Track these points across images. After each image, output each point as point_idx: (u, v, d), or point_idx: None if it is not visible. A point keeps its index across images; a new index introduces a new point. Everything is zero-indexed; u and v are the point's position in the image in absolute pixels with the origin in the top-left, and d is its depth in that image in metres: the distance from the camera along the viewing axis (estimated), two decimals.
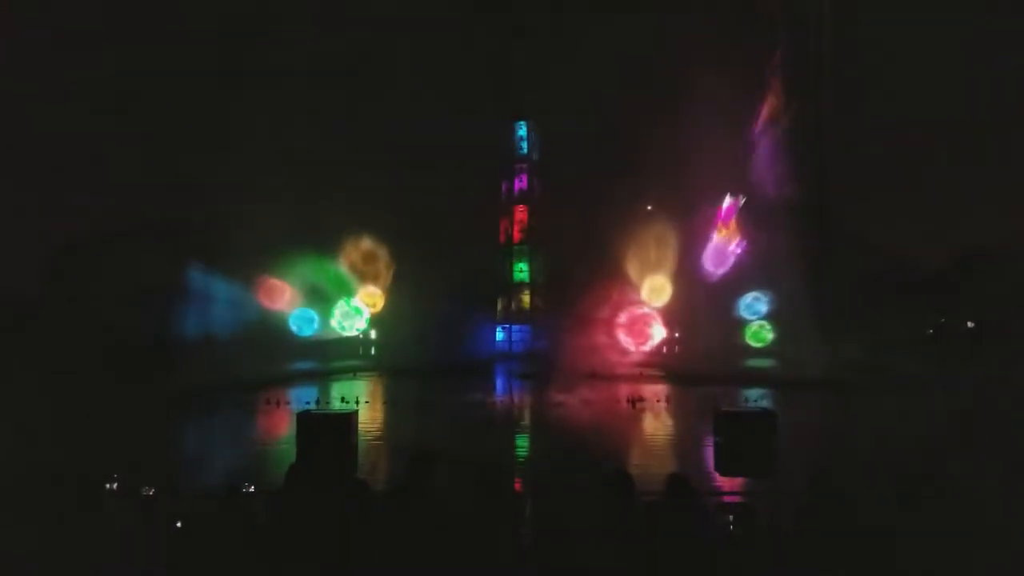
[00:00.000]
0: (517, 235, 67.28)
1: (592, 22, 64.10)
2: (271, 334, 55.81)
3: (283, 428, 27.32)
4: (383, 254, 61.25)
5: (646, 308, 59.92)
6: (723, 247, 59.68)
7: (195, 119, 56.50)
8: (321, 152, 56.00)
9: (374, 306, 62.15)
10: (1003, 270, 76.30)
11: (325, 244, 59.91)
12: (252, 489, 10.12)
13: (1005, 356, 59.31)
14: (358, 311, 61.37)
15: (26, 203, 59.50)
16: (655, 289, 60.99)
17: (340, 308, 61.05)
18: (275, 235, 54.38)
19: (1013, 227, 76.93)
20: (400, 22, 59.31)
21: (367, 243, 61.01)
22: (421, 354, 55.51)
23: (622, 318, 59.71)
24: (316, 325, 59.79)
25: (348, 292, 61.38)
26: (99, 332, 48.18)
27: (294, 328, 59.05)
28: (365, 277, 61.83)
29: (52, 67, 62.11)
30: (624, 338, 59.52)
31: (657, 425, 30.64)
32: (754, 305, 60.27)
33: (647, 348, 59.20)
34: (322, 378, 48.30)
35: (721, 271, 59.82)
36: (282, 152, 54.21)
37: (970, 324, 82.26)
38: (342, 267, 61.12)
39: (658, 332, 59.73)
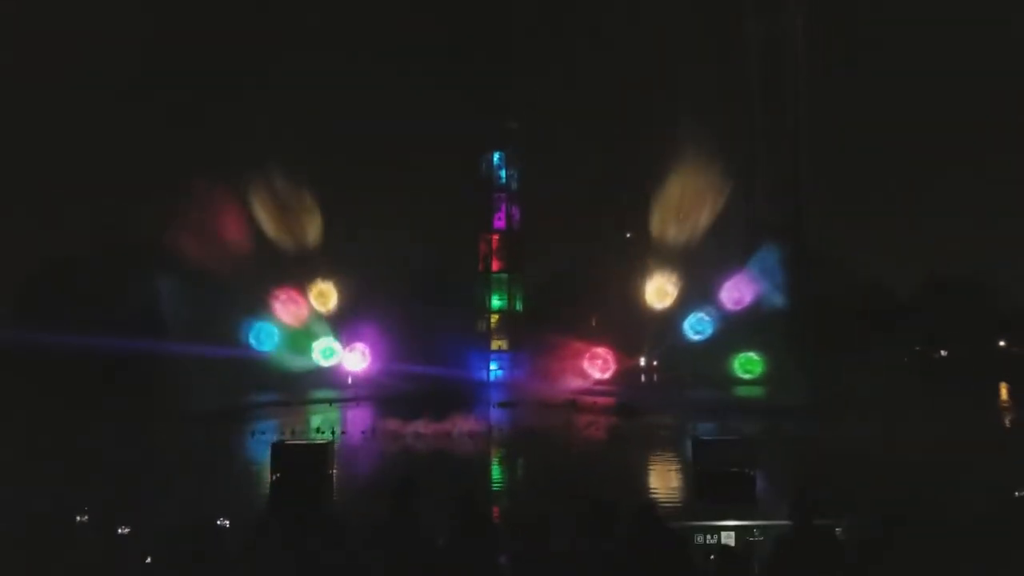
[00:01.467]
0: (496, 264, 67.35)
1: (574, 48, 64.86)
2: (249, 362, 55.15)
3: (260, 458, 26.93)
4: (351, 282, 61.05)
5: (602, 347, 61.10)
6: (740, 284, 60.11)
7: (174, 128, 56.52)
8: (297, 170, 56.46)
9: (325, 305, 61.77)
10: (971, 299, 77.77)
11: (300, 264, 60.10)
12: (227, 523, 9.95)
13: (977, 383, 60.29)
14: (332, 352, 60.68)
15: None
16: (658, 291, 61.43)
17: (318, 346, 60.49)
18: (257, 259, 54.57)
19: (980, 258, 78.50)
20: (378, 43, 59.77)
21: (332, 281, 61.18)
22: (399, 382, 55.32)
23: (591, 352, 60.73)
24: (276, 340, 58.89)
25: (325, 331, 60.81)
26: (77, 355, 47.72)
27: (252, 342, 58.07)
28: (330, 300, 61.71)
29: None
30: (589, 367, 60.35)
31: (636, 455, 30.58)
32: (699, 324, 60.90)
33: (607, 376, 60.24)
34: (299, 407, 47.74)
35: (738, 307, 60.27)
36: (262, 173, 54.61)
37: (943, 352, 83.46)
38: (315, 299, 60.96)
39: (613, 364, 61.09)
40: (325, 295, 61.50)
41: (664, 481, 25.24)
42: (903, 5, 73.90)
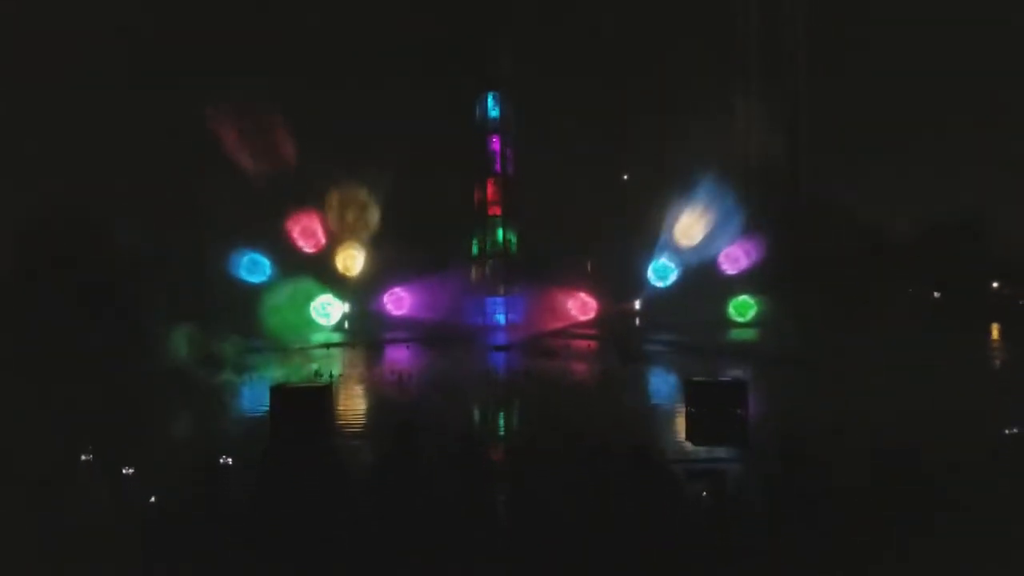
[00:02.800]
0: (491, 208, 67.03)
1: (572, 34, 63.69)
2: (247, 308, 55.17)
3: (259, 402, 27.27)
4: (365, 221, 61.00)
5: (591, 292, 62.48)
6: (738, 251, 60.47)
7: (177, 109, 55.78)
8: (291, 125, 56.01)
9: (349, 270, 61.89)
10: (965, 242, 78.03)
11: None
12: (230, 462, 10.17)
13: (970, 325, 60.97)
14: (327, 311, 60.78)
15: None
16: (686, 228, 61.56)
17: (316, 305, 60.41)
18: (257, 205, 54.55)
19: (975, 200, 78.48)
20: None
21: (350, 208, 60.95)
22: (395, 326, 55.70)
23: (581, 297, 61.68)
24: (268, 272, 58.74)
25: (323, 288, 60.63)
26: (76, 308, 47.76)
27: (243, 273, 58.04)
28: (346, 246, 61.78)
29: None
30: (579, 312, 61.69)
31: (633, 396, 31.04)
32: (663, 270, 61.62)
33: (595, 318, 61.48)
34: (297, 352, 48.01)
35: (735, 271, 60.83)
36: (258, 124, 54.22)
37: (936, 294, 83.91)
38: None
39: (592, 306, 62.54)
40: (352, 259, 61.45)
41: (653, 422, 25.62)
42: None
